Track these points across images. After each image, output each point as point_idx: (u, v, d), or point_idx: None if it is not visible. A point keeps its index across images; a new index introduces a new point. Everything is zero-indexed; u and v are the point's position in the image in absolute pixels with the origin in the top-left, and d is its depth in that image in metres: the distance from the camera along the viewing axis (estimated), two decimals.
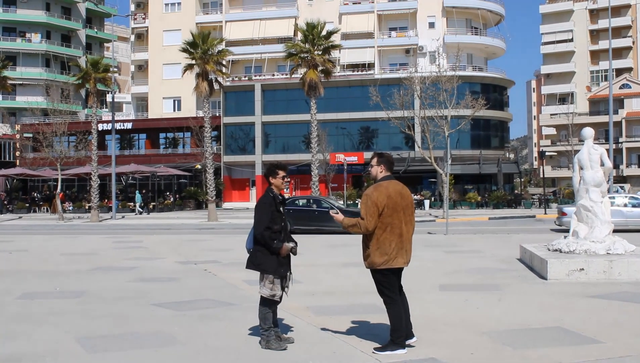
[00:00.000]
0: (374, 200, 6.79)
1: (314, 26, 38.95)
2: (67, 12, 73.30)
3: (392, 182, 6.97)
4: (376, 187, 6.93)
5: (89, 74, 41.18)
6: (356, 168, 52.25)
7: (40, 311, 9.62)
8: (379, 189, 6.87)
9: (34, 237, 25.27)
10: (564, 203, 46.70)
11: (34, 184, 61.62)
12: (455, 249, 18.27)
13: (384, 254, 6.79)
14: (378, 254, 6.82)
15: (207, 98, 40.66)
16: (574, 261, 11.92)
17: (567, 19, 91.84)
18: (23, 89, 67.93)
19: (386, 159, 7.07)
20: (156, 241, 22.65)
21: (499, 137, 59.77)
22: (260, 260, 7.13)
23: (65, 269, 14.70)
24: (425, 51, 59.45)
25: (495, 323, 8.42)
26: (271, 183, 7.33)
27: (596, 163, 12.67)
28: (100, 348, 7.33)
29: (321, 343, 7.45)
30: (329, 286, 11.78)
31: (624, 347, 7.17)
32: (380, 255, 6.80)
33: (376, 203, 6.77)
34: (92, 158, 42.26)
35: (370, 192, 6.89)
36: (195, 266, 15.04)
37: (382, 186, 6.91)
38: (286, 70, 55.61)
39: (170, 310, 9.59)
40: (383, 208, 6.77)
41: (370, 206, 6.78)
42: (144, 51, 67.94)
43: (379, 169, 7.05)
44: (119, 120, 60.04)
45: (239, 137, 59.15)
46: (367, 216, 6.77)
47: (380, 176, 7.04)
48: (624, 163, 77.42)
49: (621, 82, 78.15)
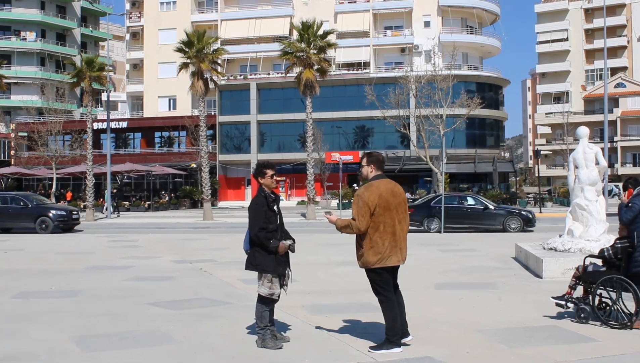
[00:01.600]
0: (365, 200, 6.78)
1: (309, 25, 38.88)
2: (62, 10, 73.09)
3: (383, 181, 6.97)
4: (367, 187, 6.94)
5: (84, 72, 41.06)
6: (352, 167, 52.28)
7: (36, 310, 9.60)
8: (370, 189, 6.87)
9: (29, 236, 25.21)
10: (558, 202, 46.88)
11: (29, 183, 61.48)
12: (451, 248, 18.30)
13: (378, 253, 6.80)
14: (371, 253, 6.82)
15: (203, 97, 40.58)
16: (569, 260, 11.94)
17: (562, 18, 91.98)
18: (18, 88, 67.76)
19: (375, 158, 7.07)
20: (152, 240, 22.62)
21: (495, 136, 59.87)
22: (258, 260, 7.12)
23: (60, 268, 14.68)
24: (420, 50, 59.51)
25: (490, 321, 8.44)
26: (261, 183, 7.33)
27: (591, 162, 12.69)
28: (96, 347, 7.33)
29: (317, 342, 7.46)
30: (324, 285, 11.79)
31: (618, 345, 7.20)
32: (374, 254, 6.81)
33: (367, 203, 6.77)
34: (87, 156, 42.12)
35: (361, 192, 6.89)
36: (191, 265, 15.03)
37: (373, 185, 6.91)
38: (282, 69, 55.59)
39: (166, 309, 9.58)
40: (375, 207, 6.77)
41: (361, 206, 6.78)
42: (139, 50, 67.87)
43: (369, 169, 7.06)
44: (114, 119, 59.95)
45: (235, 136, 59.13)
46: (358, 217, 6.77)
47: (371, 176, 7.04)
48: (619, 161, 77.60)
49: (616, 81, 78.32)
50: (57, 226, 26.88)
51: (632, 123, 78.05)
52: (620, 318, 8.03)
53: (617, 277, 7.99)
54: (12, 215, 27.29)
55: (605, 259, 8.32)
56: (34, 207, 27.45)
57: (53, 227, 26.68)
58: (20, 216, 27.23)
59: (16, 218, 27.32)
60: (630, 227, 8.09)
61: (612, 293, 8.16)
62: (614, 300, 8.11)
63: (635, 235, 7.93)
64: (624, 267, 8.05)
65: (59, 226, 27.03)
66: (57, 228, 26.88)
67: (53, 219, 26.87)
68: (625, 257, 8.06)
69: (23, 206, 27.36)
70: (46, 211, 27.24)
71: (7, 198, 28.30)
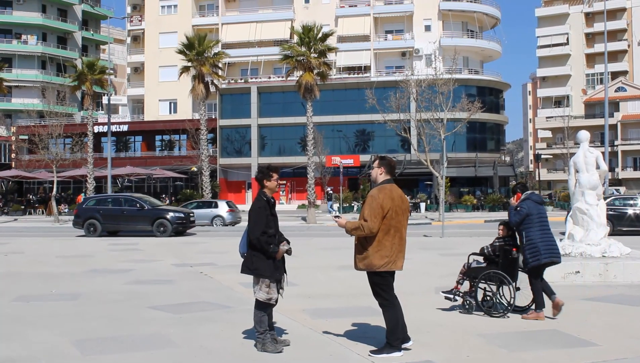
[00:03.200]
0: (379, 202, 6.78)
1: (310, 29, 38.93)
2: (63, 14, 73.18)
3: (393, 186, 7.00)
4: (381, 189, 6.92)
5: (85, 76, 41.20)
6: (352, 171, 52.27)
7: (36, 313, 9.59)
8: (384, 192, 6.87)
9: (29, 239, 25.21)
10: (559, 206, 46.86)
11: (30, 186, 61.50)
12: (451, 252, 18.25)
13: (385, 256, 6.79)
14: (378, 256, 6.80)
15: (203, 100, 40.68)
16: (570, 264, 11.93)
17: (563, 22, 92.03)
18: (19, 91, 67.83)
19: (387, 163, 7.08)
20: (152, 243, 22.60)
21: (495, 140, 59.86)
22: (256, 265, 7.10)
23: (60, 271, 14.66)
24: (421, 53, 59.51)
25: (490, 325, 8.43)
26: (265, 186, 7.30)
27: (592, 166, 12.67)
28: (96, 350, 7.32)
29: (317, 345, 7.45)
30: (324, 288, 11.77)
31: (619, 349, 7.19)
32: (381, 257, 6.80)
33: (382, 205, 6.77)
34: (88, 160, 42.24)
35: (375, 194, 6.87)
36: (191, 268, 15.02)
37: (386, 188, 6.91)
38: (282, 72, 55.61)
39: (166, 312, 9.57)
40: (388, 210, 6.78)
41: (375, 208, 6.77)
42: (140, 53, 67.91)
43: (379, 171, 7.06)
44: (115, 122, 59.98)
45: (235, 139, 59.15)
46: (371, 218, 6.75)
47: (380, 179, 7.04)
48: (620, 165, 77.55)
49: (617, 85, 78.33)
50: (176, 229, 25.93)
51: (633, 127, 78.04)
52: (500, 308, 9.06)
53: (494, 272, 9.08)
54: (128, 217, 26.35)
55: (486, 256, 9.45)
56: (151, 209, 26.39)
57: (171, 230, 25.65)
58: (137, 218, 26.21)
59: (132, 221, 26.30)
60: (519, 228, 9.03)
61: (492, 287, 9.20)
62: (494, 293, 9.17)
63: (524, 235, 8.87)
64: (501, 263, 9.11)
65: (178, 229, 26.10)
66: (176, 230, 25.90)
67: (172, 222, 25.83)
68: (502, 254, 9.12)
69: (139, 208, 26.32)
70: (164, 213, 26.20)
71: (120, 200, 27.37)
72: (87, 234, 26.36)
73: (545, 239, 8.84)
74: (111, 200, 27.97)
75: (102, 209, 26.73)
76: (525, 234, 8.86)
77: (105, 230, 26.51)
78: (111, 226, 26.59)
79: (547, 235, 8.89)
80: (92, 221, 26.38)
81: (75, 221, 27.14)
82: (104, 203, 27.51)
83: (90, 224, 26.36)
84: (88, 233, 26.33)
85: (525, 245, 8.84)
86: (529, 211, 8.83)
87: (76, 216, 27.27)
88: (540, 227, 8.88)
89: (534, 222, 8.87)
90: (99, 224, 26.29)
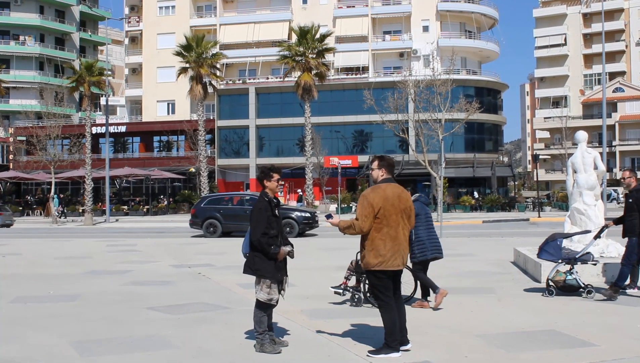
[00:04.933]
0: (369, 201, 6.81)
1: (308, 29, 38.99)
2: (61, 15, 73.15)
3: (390, 184, 6.99)
4: (374, 188, 6.95)
5: (83, 77, 41.14)
6: (350, 171, 52.28)
7: (34, 315, 9.58)
8: (376, 191, 6.89)
9: (28, 240, 25.18)
10: (557, 206, 46.89)
11: (28, 187, 61.47)
12: (449, 252, 18.20)
13: (379, 255, 6.81)
14: (372, 255, 6.83)
15: (202, 101, 40.69)
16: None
17: (561, 22, 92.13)
18: (17, 92, 67.78)
19: (387, 163, 7.11)
20: (150, 244, 22.58)
21: (493, 140, 59.91)
22: (258, 265, 7.11)
23: (58, 273, 14.65)
24: (419, 54, 59.52)
25: (489, 326, 8.44)
26: (266, 186, 7.32)
27: (590, 166, 12.68)
28: (94, 352, 7.31)
29: (315, 346, 7.45)
30: (323, 289, 11.75)
31: (617, 349, 7.20)
32: (375, 256, 6.82)
33: (372, 204, 6.79)
34: (86, 161, 42.18)
35: (367, 193, 6.91)
36: (190, 269, 15.00)
37: (380, 187, 6.93)
38: (280, 73, 55.65)
39: (164, 313, 9.56)
40: (379, 209, 6.79)
41: (366, 207, 6.81)
42: (138, 54, 67.87)
43: (379, 172, 7.08)
44: (113, 123, 59.92)
45: (233, 140, 59.14)
46: (361, 217, 6.80)
47: (380, 179, 7.08)
48: (618, 166, 77.60)
49: (614, 86, 78.42)
50: (303, 229, 25.21)
51: (631, 128, 78.14)
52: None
53: None
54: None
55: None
56: None
57: (299, 230, 24.86)
58: None
59: None
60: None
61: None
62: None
63: (413, 233, 9.16)
64: None
65: (305, 229, 25.42)
66: (302, 230, 25.19)
67: (299, 222, 25.03)
68: None
69: None
70: (289, 213, 25.18)
71: (242, 199, 26.48)
72: (205, 234, 25.49)
73: (431, 237, 9.89)
74: (230, 199, 26.99)
75: (222, 209, 25.67)
76: (414, 232, 9.55)
77: (226, 230, 25.46)
78: (232, 226, 25.42)
79: (432, 234, 9.94)
80: (212, 221, 25.47)
81: (193, 221, 26.10)
82: (223, 202, 26.42)
83: (210, 225, 25.47)
84: (207, 233, 25.42)
85: (414, 242, 9.60)
86: (417, 212, 9.15)
87: (194, 215, 26.19)
88: (427, 226, 9.88)
89: (421, 221, 9.75)
90: (219, 224, 25.38)
